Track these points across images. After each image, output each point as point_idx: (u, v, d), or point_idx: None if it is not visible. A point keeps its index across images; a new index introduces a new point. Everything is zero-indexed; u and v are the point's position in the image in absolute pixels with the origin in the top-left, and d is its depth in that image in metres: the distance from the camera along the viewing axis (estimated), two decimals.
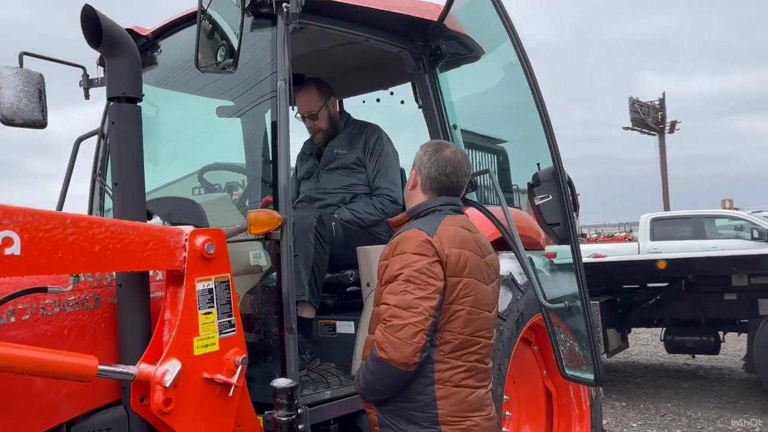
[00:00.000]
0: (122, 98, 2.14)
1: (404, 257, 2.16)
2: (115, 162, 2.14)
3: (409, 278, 2.11)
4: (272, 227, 2.23)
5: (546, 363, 3.55)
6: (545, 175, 2.53)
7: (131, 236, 1.97)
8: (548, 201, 2.47)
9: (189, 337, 2.09)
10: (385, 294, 2.18)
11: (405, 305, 2.10)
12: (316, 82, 3.54)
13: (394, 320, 2.10)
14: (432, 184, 2.38)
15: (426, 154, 2.41)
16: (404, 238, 2.22)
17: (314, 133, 3.60)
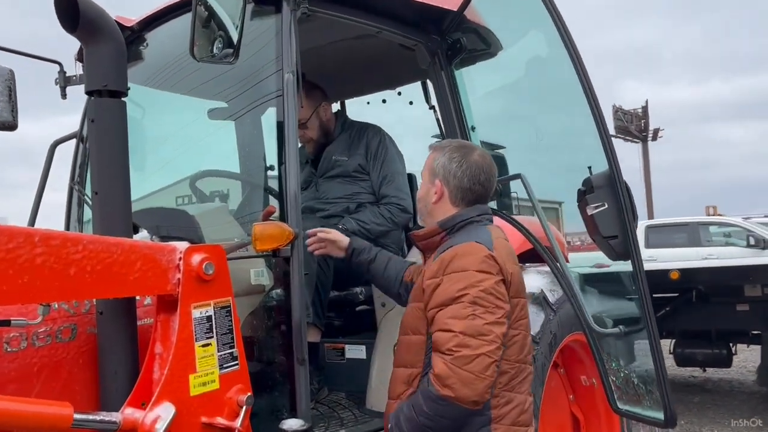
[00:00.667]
0: (103, 92, 1.81)
1: (466, 275, 1.89)
2: (95, 167, 1.81)
3: (476, 300, 1.85)
4: (282, 242, 1.91)
5: (573, 387, 3.24)
6: (600, 180, 2.22)
7: (114, 255, 1.64)
8: (604, 210, 2.17)
9: (184, 375, 1.76)
10: (444, 319, 1.88)
11: (474, 332, 1.82)
12: (306, 86, 3.17)
13: (463, 350, 1.81)
14: (465, 195, 2.12)
15: (453, 162, 2.14)
16: (460, 253, 1.94)
17: (304, 143, 3.26)
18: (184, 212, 2.51)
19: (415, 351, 2.04)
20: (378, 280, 2.47)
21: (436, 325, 1.91)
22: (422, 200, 2.22)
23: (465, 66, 3.21)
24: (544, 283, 2.81)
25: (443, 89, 2.92)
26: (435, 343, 1.89)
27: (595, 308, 2.55)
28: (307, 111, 3.13)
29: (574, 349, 3.08)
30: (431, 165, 2.18)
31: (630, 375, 2.48)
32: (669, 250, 12.54)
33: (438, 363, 1.85)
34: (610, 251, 2.22)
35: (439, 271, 1.97)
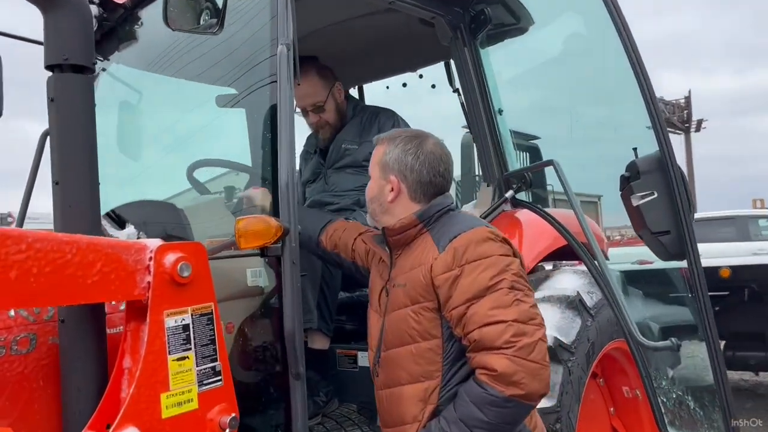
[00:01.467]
0: (65, 66, 1.57)
1: (492, 261, 1.71)
2: (56, 153, 1.57)
3: (513, 285, 1.69)
4: (269, 239, 1.64)
5: (613, 398, 2.91)
6: (648, 165, 1.89)
7: (67, 255, 1.40)
8: (653, 200, 1.84)
9: (154, 393, 1.51)
10: (486, 311, 1.67)
11: (526, 318, 1.66)
12: (315, 65, 2.91)
13: (523, 339, 1.63)
14: (425, 189, 1.90)
15: (409, 154, 1.91)
16: (475, 238, 1.74)
17: (319, 128, 2.97)
18: (172, 206, 2.27)
19: (429, 360, 1.77)
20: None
21: (473, 321, 1.68)
22: (375, 200, 1.96)
23: (492, 44, 2.91)
24: (581, 284, 2.48)
25: (466, 67, 2.62)
26: (481, 341, 1.66)
27: (639, 313, 2.22)
28: (323, 92, 2.87)
29: (615, 358, 2.74)
30: (381, 159, 1.95)
31: (684, 396, 2.14)
32: (716, 245, 11.91)
33: (496, 360, 1.63)
34: (661, 250, 1.88)
35: (454, 263, 1.74)
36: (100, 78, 2.66)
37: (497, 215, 2.57)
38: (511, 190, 2.57)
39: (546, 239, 2.50)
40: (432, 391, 1.76)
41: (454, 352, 1.75)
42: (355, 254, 2.14)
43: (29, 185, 2.55)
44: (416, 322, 1.78)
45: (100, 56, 2.64)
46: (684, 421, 2.12)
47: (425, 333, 1.77)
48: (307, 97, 2.88)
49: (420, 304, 1.78)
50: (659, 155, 1.88)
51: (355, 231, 2.19)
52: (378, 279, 1.99)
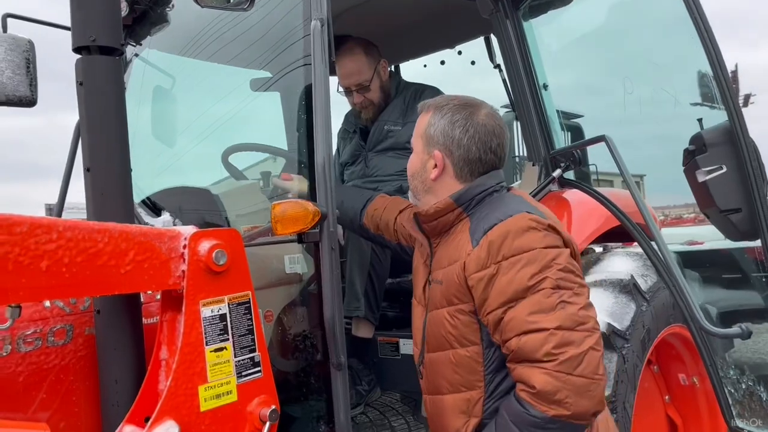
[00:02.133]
0: (92, 48, 1.51)
1: (533, 255, 1.47)
2: (86, 139, 1.52)
3: (558, 283, 1.44)
4: (306, 224, 1.56)
5: (668, 386, 2.77)
6: (715, 137, 1.73)
7: (99, 244, 1.35)
8: (722, 175, 1.69)
9: (192, 386, 1.46)
10: (525, 317, 1.44)
11: (572, 323, 1.42)
12: (361, 42, 2.79)
13: (568, 350, 1.39)
14: (473, 167, 1.66)
15: (457, 126, 1.65)
16: (513, 229, 1.50)
17: (363, 108, 2.84)
18: (207, 192, 2.21)
19: (469, 368, 1.58)
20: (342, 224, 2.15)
21: (511, 328, 1.47)
22: (416, 176, 1.73)
23: (535, 15, 2.76)
24: (634, 267, 2.35)
25: (509, 41, 2.49)
26: (520, 351, 1.45)
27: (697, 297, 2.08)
28: (368, 71, 2.76)
29: (672, 344, 2.60)
30: (425, 131, 1.71)
31: (755, 387, 1.99)
32: None
33: (536, 376, 1.42)
34: (731, 229, 1.73)
35: (489, 260, 1.51)
36: (133, 63, 2.62)
37: (544, 195, 2.45)
38: (558, 169, 2.44)
39: (596, 220, 2.37)
40: (475, 403, 1.57)
41: (496, 360, 1.56)
42: (399, 234, 1.98)
43: (66, 174, 2.53)
44: (452, 327, 1.59)
45: (132, 41, 2.60)
46: (755, 413, 1.98)
47: (462, 339, 1.58)
48: (352, 75, 2.77)
49: (455, 306, 1.59)
50: (728, 125, 1.72)
51: (396, 208, 2.00)
52: (421, 266, 1.79)
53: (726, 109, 1.76)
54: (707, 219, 1.87)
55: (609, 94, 3.25)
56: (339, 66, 2.77)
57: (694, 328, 1.88)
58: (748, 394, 2.01)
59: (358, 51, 2.75)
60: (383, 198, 2.11)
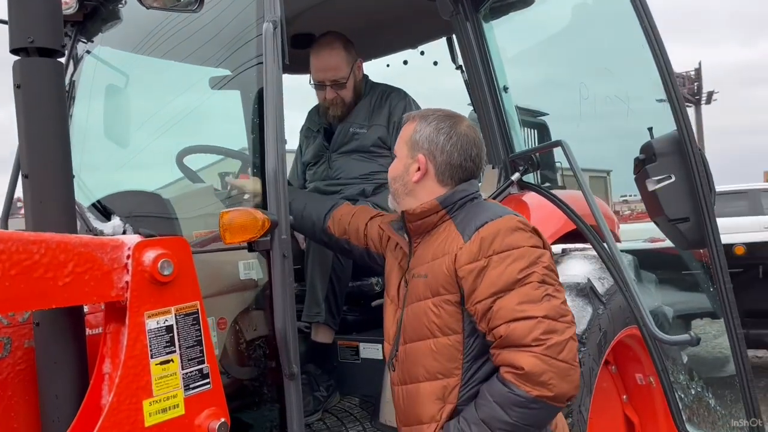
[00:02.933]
0: (30, 50, 1.45)
1: (521, 252, 1.61)
2: (24, 144, 1.46)
3: (544, 279, 1.60)
4: (255, 234, 1.53)
5: (626, 386, 2.81)
6: (665, 146, 1.75)
7: (35, 255, 1.29)
8: (671, 184, 1.70)
9: (136, 401, 1.42)
10: (514, 306, 1.57)
11: (557, 314, 1.57)
12: (342, 38, 2.73)
13: (553, 337, 1.54)
14: (454, 173, 1.78)
15: (441, 133, 1.79)
16: (504, 228, 1.64)
17: (332, 105, 2.77)
18: (158, 197, 2.15)
19: (448, 356, 1.67)
20: (302, 231, 2.20)
21: (500, 316, 1.58)
22: (398, 179, 1.85)
23: (496, 17, 2.76)
24: (591, 270, 2.36)
25: (469, 43, 2.48)
26: (508, 337, 1.57)
27: (654, 300, 2.10)
28: (346, 67, 2.71)
29: (629, 345, 2.63)
30: (411, 137, 1.82)
31: (704, 392, 2.02)
32: (728, 219, 11.71)
33: (524, 358, 1.54)
34: (679, 238, 1.75)
35: (480, 253, 1.63)
36: (84, 61, 2.54)
37: (503, 198, 2.45)
38: (517, 173, 2.44)
39: (555, 223, 2.38)
40: (451, 390, 1.67)
41: (475, 349, 1.66)
42: (368, 239, 2.02)
43: (12, 180, 2.43)
44: (436, 316, 1.67)
45: (84, 38, 2.52)
46: (703, 419, 2.01)
47: (445, 328, 1.67)
48: (329, 70, 2.70)
49: (441, 297, 1.68)
50: (677, 135, 1.74)
51: (367, 214, 2.07)
52: (396, 268, 1.88)
53: (675, 119, 1.78)
54: (657, 227, 1.89)
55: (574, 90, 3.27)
56: (315, 58, 2.71)
57: (645, 334, 1.90)
58: (697, 399, 2.04)
59: (338, 46, 2.70)
60: (349, 205, 2.16)
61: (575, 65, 3.61)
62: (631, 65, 2.85)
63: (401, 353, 1.76)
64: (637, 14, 1.83)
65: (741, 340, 1.78)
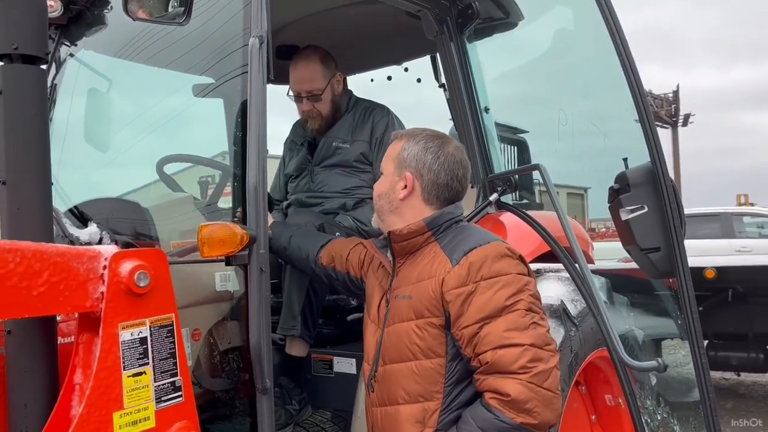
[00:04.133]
0: (14, 56, 1.45)
1: (509, 279, 1.63)
2: (3, 150, 1.45)
3: (531, 307, 1.61)
4: (234, 248, 1.54)
5: (595, 406, 2.84)
6: (639, 177, 1.80)
7: (10, 264, 1.29)
8: (643, 214, 1.75)
9: (106, 412, 1.41)
10: (501, 333, 1.58)
11: (542, 343, 1.58)
12: (320, 51, 2.75)
13: (539, 365, 1.55)
14: (440, 192, 1.80)
15: (429, 152, 1.81)
16: (492, 254, 1.65)
17: (310, 118, 2.78)
18: (137, 205, 2.15)
19: (430, 379, 1.67)
20: (294, 262, 2.20)
21: (487, 342, 1.59)
22: (384, 196, 1.86)
23: (480, 38, 2.80)
24: (565, 292, 2.39)
25: (452, 63, 2.52)
26: (495, 364, 1.57)
27: (625, 323, 2.14)
28: (322, 80, 2.71)
29: (599, 367, 2.67)
30: (398, 155, 1.84)
31: (669, 418, 2.07)
32: (700, 241, 11.93)
33: (510, 385, 1.55)
34: (650, 267, 1.80)
35: (468, 278, 1.64)
36: (66, 64, 2.53)
37: (481, 218, 2.48)
38: (495, 193, 2.47)
39: (531, 243, 2.41)
40: (432, 414, 1.66)
41: (457, 373, 1.66)
42: (349, 264, 2.03)
43: None
44: (420, 338, 1.67)
45: (67, 41, 2.51)
46: None
47: (428, 350, 1.67)
48: (305, 82, 2.71)
49: (425, 319, 1.68)
50: (651, 167, 1.79)
51: (352, 242, 2.08)
52: (377, 287, 1.88)
53: (649, 151, 1.83)
54: (629, 255, 1.93)
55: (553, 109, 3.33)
56: (293, 70, 2.73)
57: (615, 359, 1.94)
58: (663, 424, 2.08)
59: (314, 59, 2.72)
60: (340, 239, 2.18)
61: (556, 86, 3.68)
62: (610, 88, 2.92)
63: (380, 374, 1.75)
64: (617, 53, 1.88)
65: (706, 368, 1.82)
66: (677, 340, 5.68)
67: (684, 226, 1.77)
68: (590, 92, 2.86)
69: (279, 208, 2.88)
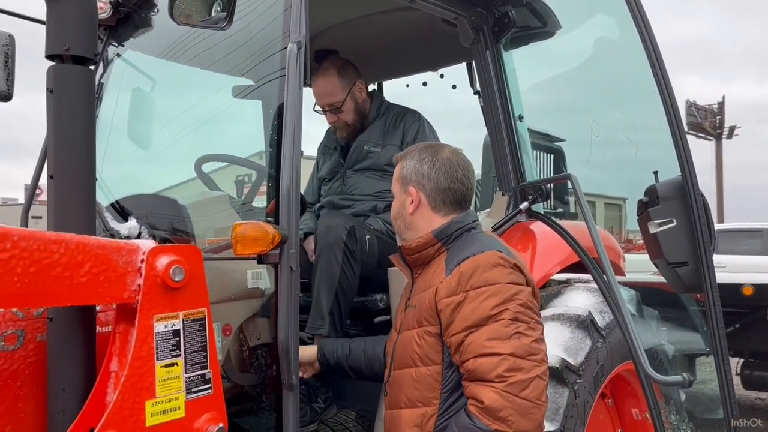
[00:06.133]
0: (65, 57, 1.52)
1: (497, 289, 1.64)
2: (52, 146, 1.53)
3: (517, 316, 1.62)
4: (266, 247, 1.58)
5: (622, 420, 2.82)
6: (668, 191, 1.79)
7: (55, 255, 1.35)
8: (672, 228, 1.74)
9: (139, 400, 1.47)
10: (482, 342, 1.61)
11: (524, 352, 1.59)
12: (337, 63, 2.80)
13: (517, 375, 1.56)
14: (445, 197, 1.84)
15: (424, 163, 1.87)
16: (483, 263, 1.67)
17: (337, 128, 2.87)
18: (175, 201, 2.22)
19: (427, 385, 1.72)
20: (363, 371, 2.10)
21: (470, 350, 1.63)
22: (398, 216, 1.92)
23: (517, 47, 2.81)
24: (593, 303, 2.38)
25: (487, 71, 2.53)
26: (474, 371, 1.62)
27: (653, 336, 2.12)
28: (341, 92, 2.77)
29: (627, 380, 2.65)
30: (400, 174, 1.92)
31: None
32: (739, 257, 11.63)
33: (485, 393, 1.58)
34: (677, 281, 1.79)
35: (458, 288, 1.68)
36: (113, 64, 2.62)
37: (511, 226, 2.48)
38: (526, 202, 2.48)
39: (560, 253, 2.41)
40: (429, 419, 1.71)
41: (453, 381, 1.70)
42: None
43: (35, 179, 2.49)
44: (418, 346, 1.73)
45: (115, 42, 2.60)
46: None
47: (426, 358, 1.72)
48: (324, 96, 2.79)
49: (423, 328, 1.73)
50: (681, 181, 1.78)
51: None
52: (403, 298, 1.95)
53: (680, 165, 1.81)
54: (656, 268, 1.92)
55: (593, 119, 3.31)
56: (313, 85, 2.80)
57: (639, 371, 1.93)
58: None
59: (332, 72, 2.76)
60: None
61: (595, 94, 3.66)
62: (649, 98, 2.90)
63: (392, 378, 1.83)
64: (650, 64, 1.88)
65: (731, 385, 1.79)
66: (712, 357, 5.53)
67: (714, 241, 1.76)
68: (626, 103, 2.84)
69: (312, 210, 2.94)
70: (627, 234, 28.37)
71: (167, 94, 2.78)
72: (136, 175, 2.64)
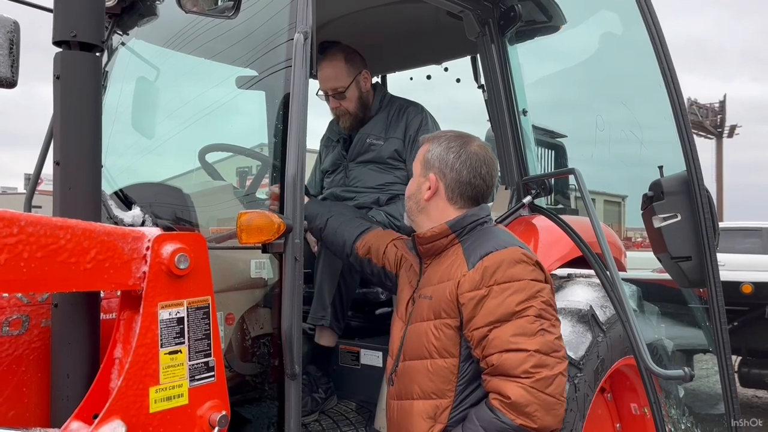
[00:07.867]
0: (72, 43, 1.52)
1: (522, 286, 1.65)
2: (59, 132, 1.53)
3: (541, 313, 1.63)
4: (271, 236, 1.59)
5: (620, 414, 2.83)
6: (673, 185, 1.79)
7: (61, 241, 1.35)
8: (676, 223, 1.74)
9: (143, 387, 1.47)
10: (508, 337, 1.62)
11: (549, 349, 1.61)
12: (344, 49, 2.80)
13: (542, 371, 1.58)
14: (463, 190, 1.83)
15: (451, 152, 1.85)
16: (508, 259, 1.68)
17: (339, 116, 2.86)
18: (179, 190, 2.22)
19: (443, 378, 1.72)
20: (328, 246, 2.23)
21: (494, 345, 1.63)
22: (412, 197, 1.92)
23: (522, 41, 2.80)
24: (594, 298, 2.39)
25: (492, 64, 2.53)
26: (499, 367, 1.62)
27: (654, 332, 2.13)
28: (346, 78, 2.77)
29: (626, 374, 2.66)
30: (424, 157, 1.90)
31: (693, 428, 2.05)
32: (739, 256, 11.65)
33: (511, 388, 1.60)
34: (680, 276, 1.79)
35: (482, 282, 1.68)
36: (118, 52, 2.62)
37: (514, 220, 2.49)
38: (529, 196, 2.48)
39: (563, 248, 2.42)
40: (443, 411, 1.72)
41: (469, 374, 1.71)
42: (386, 258, 2.07)
43: (38, 165, 2.50)
44: (436, 338, 1.73)
45: (120, 30, 2.60)
46: None
47: (443, 350, 1.72)
48: (329, 80, 2.78)
49: (442, 320, 1.73)
50: (686, 176, 1.78)
51: (389, 236, 2.13)
52: (407, 286, 1.94)
53: (685, 160, 1.82)
54: (660, 263, 1.93)
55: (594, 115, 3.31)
56: (319, 69, 2.78)
57: (641, 365, 1.94)
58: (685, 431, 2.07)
59: (339, 57, 2.76)
60: (380, 229, 2.21)
61: (595, 91, 3.66)
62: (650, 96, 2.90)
63: (400, 369, 1.82)
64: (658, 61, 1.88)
65: (732, 381, 1.80)
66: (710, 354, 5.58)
67: (717, 236, 1.76)
68: (629, 100, 2.84)
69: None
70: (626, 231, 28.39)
71: (171, 84, 2.77)
72: (139, 165, 2.64)
